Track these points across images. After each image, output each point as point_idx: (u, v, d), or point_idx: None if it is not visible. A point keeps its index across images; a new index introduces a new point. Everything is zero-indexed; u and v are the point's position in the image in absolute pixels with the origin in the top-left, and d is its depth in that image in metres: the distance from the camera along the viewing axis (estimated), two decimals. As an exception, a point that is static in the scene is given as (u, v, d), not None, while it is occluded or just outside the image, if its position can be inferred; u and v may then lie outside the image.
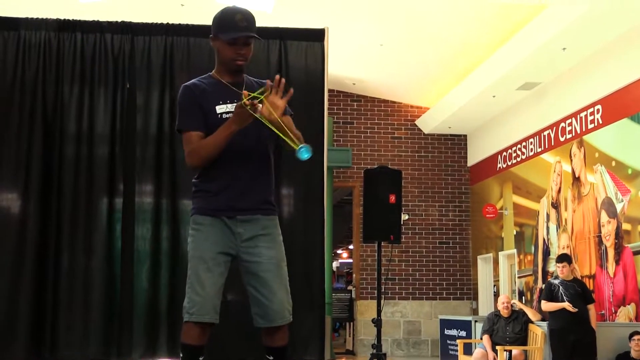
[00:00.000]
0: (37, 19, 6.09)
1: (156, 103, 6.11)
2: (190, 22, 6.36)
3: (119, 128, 6.06)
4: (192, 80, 3.56)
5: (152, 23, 6.28)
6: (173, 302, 5.94)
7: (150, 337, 5.92)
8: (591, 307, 8.15)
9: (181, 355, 3.40)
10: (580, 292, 8.17)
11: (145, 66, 6.15)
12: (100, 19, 6.22)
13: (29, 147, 5.89)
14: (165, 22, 6.31)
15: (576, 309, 7.96)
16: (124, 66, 6.12)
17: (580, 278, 9.39)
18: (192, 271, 3.35)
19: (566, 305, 7.99)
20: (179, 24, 6.31)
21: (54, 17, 6.16)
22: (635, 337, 7.82)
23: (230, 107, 3.39)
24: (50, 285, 5.79)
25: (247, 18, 3.42)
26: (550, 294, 8.23)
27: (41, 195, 5.86)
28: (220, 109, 3.42)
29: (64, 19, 6.15)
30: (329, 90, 6.66)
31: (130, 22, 6.23)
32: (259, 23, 6.38)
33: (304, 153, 3.19)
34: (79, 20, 6.17)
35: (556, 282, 8.30)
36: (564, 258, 8.40)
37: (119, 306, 5.89)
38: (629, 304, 9.02)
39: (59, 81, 6.02)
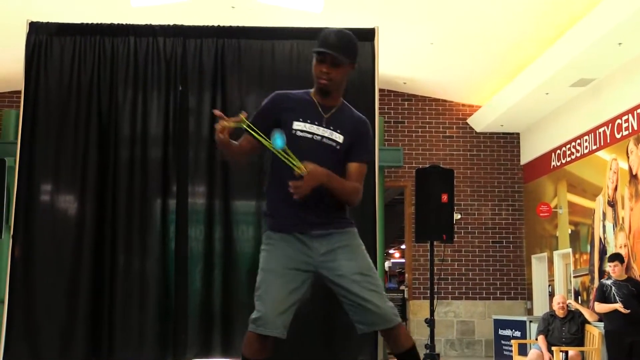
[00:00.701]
0: (91, 24, 6.20)
1: (208, 105, 6.17)
2: (240, 24, 6.40)
3: (172, 130, 6.13)
4: (288, 91, 3.51)
5: (203, 26, 6.34)
6: (226, 302, 5.99)
7: (205, 337, 5.97)
8: None
9: None
10: (634, 292, 8.01)
11: (197, 69, 6.21)
12: (152, 23, 6.30)
13: (85, 150, 5.99)
14: (216, 24, 6.36)
15: (628, 310, 7.80)
16: (176, 69, 6.19)
17: (637, 277, 9.21)
18: (262, 284, 3.30)
19: (617, 306, 7.84)
20: (230, 26, 6.36)
21: (108, 21, 6.26)
22: None
23: (308, 126, 3.34)
24: (107, 286, 5.89)
25: (341, 39, 3.33)
26: (602, 295, 8.09)
27: (97, 197, 5.96)
28: (297, 125, 3.36)
29: (117, 24, 6.25)
30: (380, 90, 6.64)
31: (181, 25, 6.30)
32: (308, 24, 6.40)
33: (278, 142, 3.18)
34: (132, 24, 6.26)
35: (608, 282, 8.15)
36: (615, 257, 8.25)
37: (173, 307, 5.96)
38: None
39: (113, 85, 6.12)
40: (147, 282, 5.94)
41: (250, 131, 3.25)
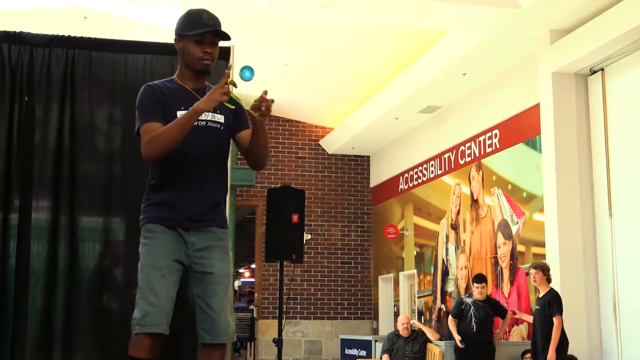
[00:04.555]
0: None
1: (56, 117, 5.95)
2: (93, 36, 6.24)
3: (16, 142, 5.86)
4: (154, 82, 3.48)
5: (52, 35, 6.13)
6: (68, 321, 5.78)
7: (44, 357, 5.73)
8: (507, 318, 8.42)
9: None
10: (490, 314, 8.33)
11: (44, 79, 5.98)
12: (-2, 29, 6.03)
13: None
14: (66, 34, 6.17)
15: (463, 345, 8.12)
16: (22, 78, 5.94)
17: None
18: (144, 280, 3.22)
19: (457, 339, 8.15)
20: (81, 37, 6.18)
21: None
22: (527, 356, 8.05)
23: None
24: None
25: (213, 17, 3.36)
26: (460, 312, 8.36)
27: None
28: (180, 114, 3.29)
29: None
30: (234, 109, 6.64)
31: (29, 33, 6.06)
32: (163, 39, 6.32)
33: (247, 73, 3.25)
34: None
35: (468, 300, 8.43)
36: (482, 279, 8.49)
37: (11, 325, 5.69)
38: (522, 324, 9.29)
39: (-48, 91, 5.79)
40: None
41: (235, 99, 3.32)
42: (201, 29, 3.31)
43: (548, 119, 8.46)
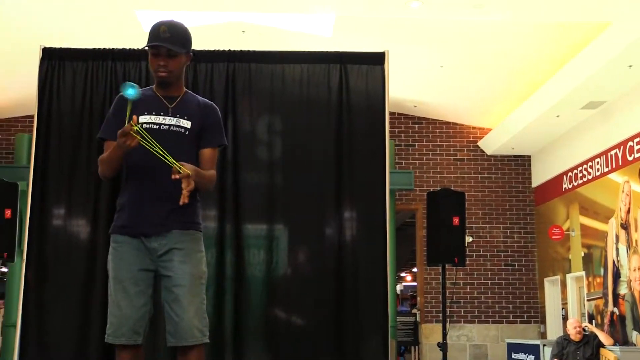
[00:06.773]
0: (103, 49, 6.25)
1: (219, 129, 6.18)
2: (251, 49, 6.43)
3: (183, 154, 6.14)
4: None
5: (214, 50, 6.38)
6: (238, 327, 5.97)
7: (216, 361, 5.94)
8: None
9: None
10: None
11: (208, 93, 6.23)
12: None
13: (97, 174, 6.00)
14: (226, 49, 6.40)
15: None
16: (187, 93, 6.21)
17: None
18: (110, 293, 3.33)
19: None
20: (240, 50, 6.40)
21: (120, 46, 6.31)
22: None
23: (153, 118, 3.39)
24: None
25: (172, 30, 3.39)
26: None
27: (108, 222, 5.95)
28: (142, 119, 3.38)
29: (129, 48, 6.29)
30: (390, 113, 6.66)
31: (192, 50, 6.33)
32: (317, 48, 6.42)
33: (128, 90, 3.21)
34: (144, 49, 6.29)
35: None
36: None
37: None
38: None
39: (124, 109, 6.13)
40: (158, 307, 5.91)
41: (141, 139, 3.23)
42: (151, 43, 3.38)
43: None
